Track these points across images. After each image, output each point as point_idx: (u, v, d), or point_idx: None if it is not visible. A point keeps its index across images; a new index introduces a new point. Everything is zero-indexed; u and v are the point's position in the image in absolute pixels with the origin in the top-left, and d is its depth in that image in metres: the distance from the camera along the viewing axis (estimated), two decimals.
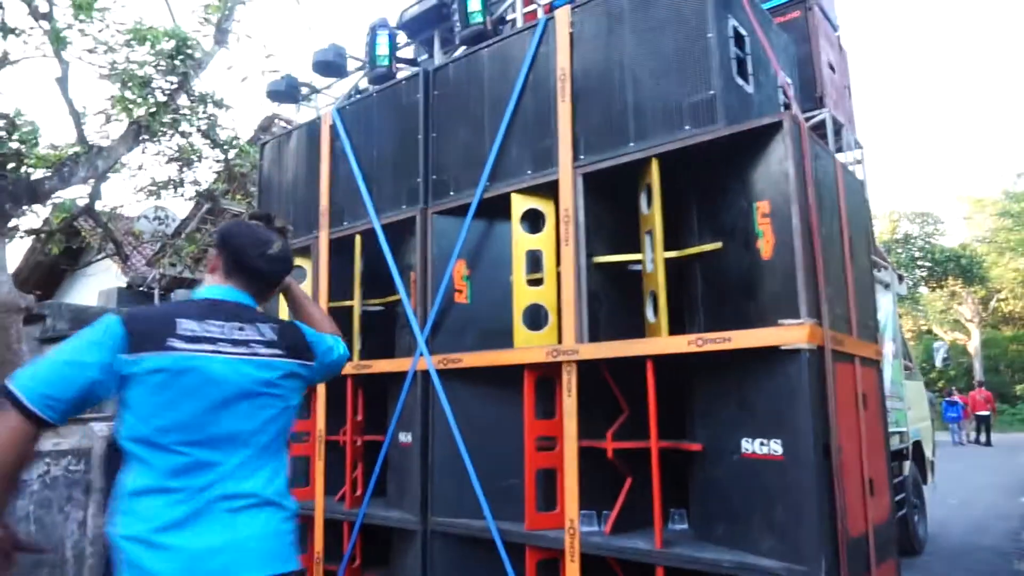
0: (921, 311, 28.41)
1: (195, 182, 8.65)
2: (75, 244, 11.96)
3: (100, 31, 6.29)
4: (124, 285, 15.16)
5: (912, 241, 27.06)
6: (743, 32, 2.78)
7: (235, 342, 1.62)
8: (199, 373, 1.56)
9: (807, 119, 3.23)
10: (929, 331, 29.14)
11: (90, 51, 6.46)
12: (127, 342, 1.52)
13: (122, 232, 10.17)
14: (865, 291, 3.05)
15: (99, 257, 10.95)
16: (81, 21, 6.04)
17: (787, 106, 3.08)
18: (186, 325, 1.58)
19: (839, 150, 3.73)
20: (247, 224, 1.82)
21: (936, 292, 27.60)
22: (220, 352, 1.59)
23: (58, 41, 5.93)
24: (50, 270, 16.18)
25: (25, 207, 6.63)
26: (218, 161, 8.40)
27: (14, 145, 6.14)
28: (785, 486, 2.37)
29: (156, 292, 14.32)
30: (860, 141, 3.86)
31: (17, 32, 6.08)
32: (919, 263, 26.30)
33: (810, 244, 2.42)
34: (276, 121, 11.99)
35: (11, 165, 6.26)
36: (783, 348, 2.34)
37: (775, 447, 2.42)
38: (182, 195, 8.58)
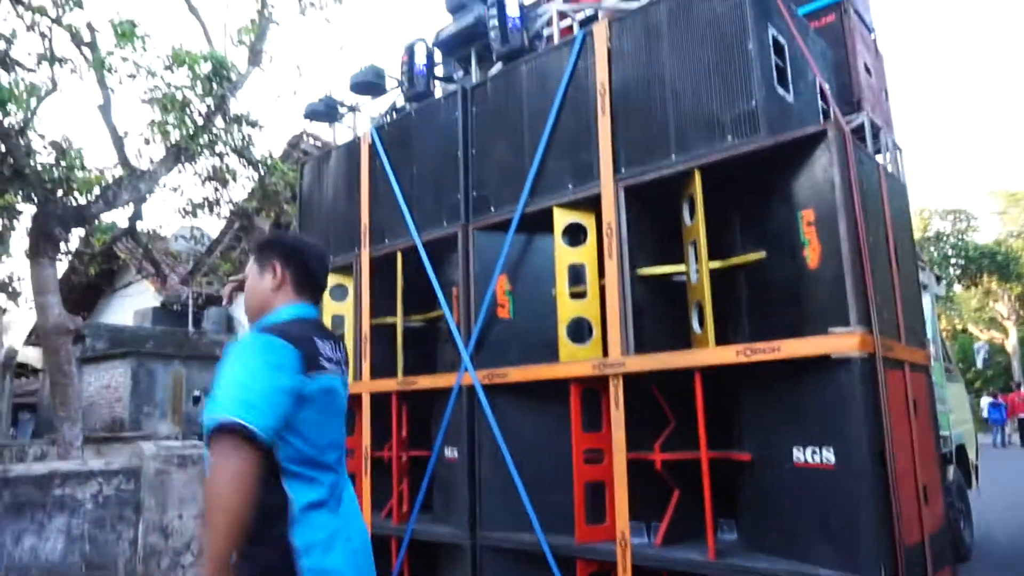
0: (955, 310, 27.86)
1: (230, 201, 8.83)
2: (112, 265, 12.27)
3: (141, 56, 6.47)
4: (158, 304, 15.49)
5: (944, 239, 26.59)
6: (782, 41, 2.80)
7: (337, 361, 1.71)
8: (336, 393, 1.69)
9: (846, 123, 3.22)
10: (964, 330, 28.56)
11: (131, 76, 6.65)
12: (302, 364, 1.56)
13: (160, 252, 10.39)
14: (912, 296, 3.03)
15: (138, 278, 11.17)
16: (122, 48, 6.22)
17: (827, 112, 3.08)
18: (320, 346, 1.65)
19: (877, 152, 3.71)
20: (302, 238, 1.90)
21: (971, 290, 27.06)
22: (338, 371, 1.70)
23: (101, 68, 6.11)
24: (86, 290, 16.58)
25: (72, 231, 6.82)
26: (251, 179, 8.57)
27: (62, 172, 6.33)
28: (839, 495, 2.36)
29: (191, 310, 14.60)
30: (898, 143, 3.83)
31: (63, 62, 6.28)
32: (952, 261, 25.83)
33: (858, 251, 2.42)
34: (305, 138, 12.22)
35: (60, 191, 6.46)
36: (834, 357, 2.34)
37: (828, 456, 2.42)
38: (218, 214, 8.76)
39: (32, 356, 16.66)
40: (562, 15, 3.82)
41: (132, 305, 15.79)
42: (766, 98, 2.62)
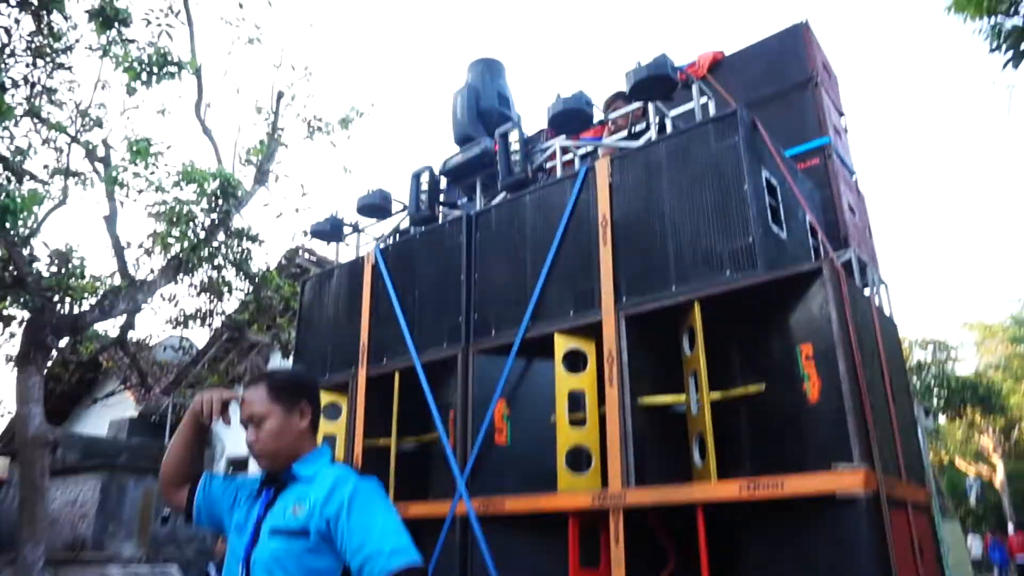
0: (941, 442, 27.66)
1: (222, 312, 8.86)
2: (95, 373, 12.06)
3: (152, 173, 6.70)
4: (136, 415, 15.09)
5: (926, 369, 26.82)
6: (774, 182, 2.96)
7: None
8: None
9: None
10: (951, 463, 28.24)
11: (140, 191, 6.85)
12: None
13: (147, 362, 10.28)
14: (909, 432, 3.05)
15: (121, 388, 10.98)
16: (136, 164, 6.45)
17: (817, 249, 3.22)
18: None
19: (865, 287, 3.84)
20: (312, 376, 2.02)
21: (955, 422, 26.99)
22: None
23: (112, 183, 6.30)
24: (63, 398, 16.19)
25: (64, 339, 6.78)
26: (244, 292, 8.65)
27: (62, 280, 6.38)
28: None
29: (169, 422, 14.22)
30: (884, 279, 3.97)
31: (78, 177, 6.49)
32: (935, 392, 25.91)
33: (857, 387, 2.46)
34: (301, 253, 12.44)
35: (56, 297, 6.48)
36: (839, 496, 2.32)
37: None
38: (209, 325, 8.77)
39: None
40: (565, 150, 4.04)
41: (109, 414, 15.36)
42: (762, 235, 2.75)
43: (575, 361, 3.28)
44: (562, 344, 3.24)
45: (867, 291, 3.85)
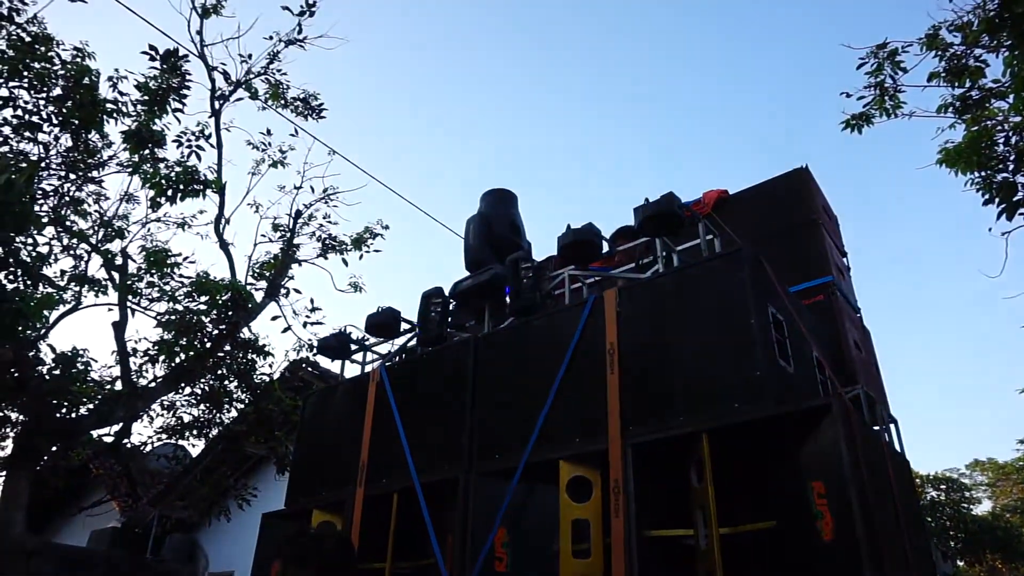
0: None
1: (220, 423, 8.75)
2: (81, 480, 11.69)
3: (167, 283, 6.84)
4: (119, 525, 14.51)
5: (940, 508, 25.88)
6: (780, 317, 3.02)
7: None
8: None
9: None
10: None
11: (151, 300, 6.97)
12: None
13: (138, 471, 10.04)
14: (926, 571, 2.93)
15: (108, 498, 10.65)
16: (151, 274, 6.60)
17: (825, 384, 3.23)
18: None
19: (874, 424, 3.81)
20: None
21: (975, 567, 25.71)
22: None
23: (126, 292, 6.43)
24: (47, 503, 15.65)
25: (56, 446, 6.67)
26: (244, 403, 8.57)
27: (64, 383, 6.36)
28: None
29: (152, 535, 13.66)
30: (893, 415, 3.95)
31: (93, 285, 6.63)
32: (951, 533, 24.86)
33: (872, 528, 2.39)
34: (304, 366, 12.42)
35: (55, 401, 6.44)
36: None
37: None
38: (206, 435, 8.63)
39: None
40: (574, 279, 4.15)
41: (93, 523, 14.79)
42: (769, 369, 2.77)
43: (580, 489, 3.21)
44: (567, 471, 3.19)
45: (876, 427, 3.83)
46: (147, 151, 7.05)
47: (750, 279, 2.97)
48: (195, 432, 8.59)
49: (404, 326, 4.71)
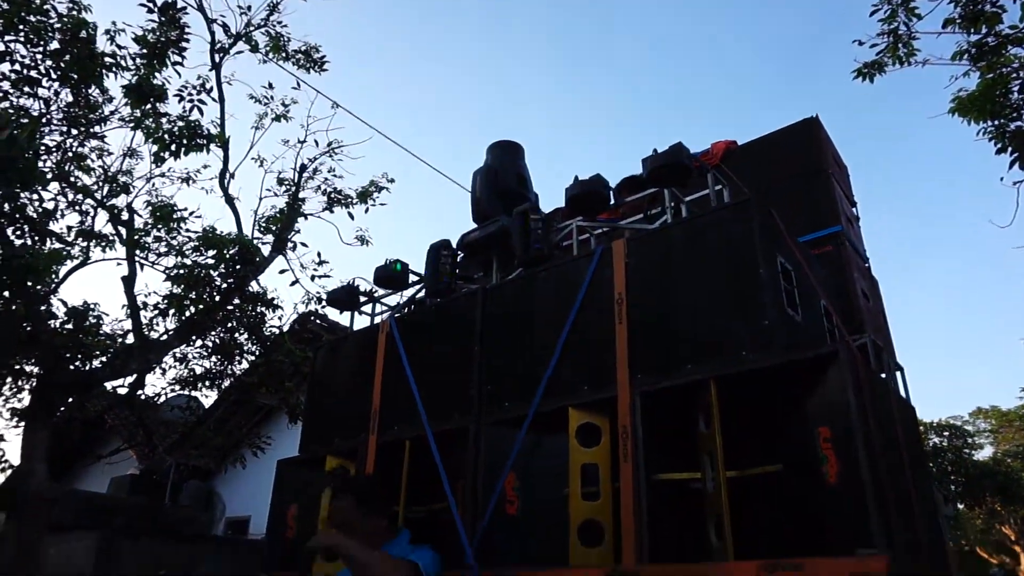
0: (960, 530, 26.79)
1: (232, 374, 8.88)
2: (98, 431, 11.95)
3: (174, 237, 6.86)
4: (137, 472, 14.89)
5: (942, 454, 26.24)
6: (789, 267, 3.03)
7: None
8: None
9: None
10: (972, 551, 27.27)
11: (160, 255, 7.00)
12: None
13: (152, 422, 10.25)
14: (930, 518, 3.00)
15: (124, 447, 10.90)
16: (158, 229, 6.62)
17: (833, 333, 3.25)
18: None
19: (881, 371, 3.85)
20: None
21: (975, 510, 26.21)
22: None
23: (134, 247, 6.45)
24: (66, 453, 16.05)
25: (73, 397, 6.80)
26: (255, 355, 8.69)
27: (76, 338, 6.45)
28: None
29: (170, 482, 14.02)
30: (899, 363, 3.99)
31: (101, 240, 6.65)
32: (952, 478, 25.26)
33: (876, 471, 2.45)
34: (313, 319, 12.52)
35: (68, 355, 6.54)
36: None
37: None
38: (218, 387, 8.77)
39: None
40: (582, 230, 4.14)
41: (112, 471, 15.18)
42: (777, 318, 2.79)
43: (589, 435, 3.28)
44: (576, 418, 3.25)
45: (883, 375, 3.87)
46: (148, 105, 6.98)
47: (759, 229, 2.96)
48: (207, 383, 8.73)
49: (412, 278, 4.73)
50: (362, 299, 4.96)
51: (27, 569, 6.04)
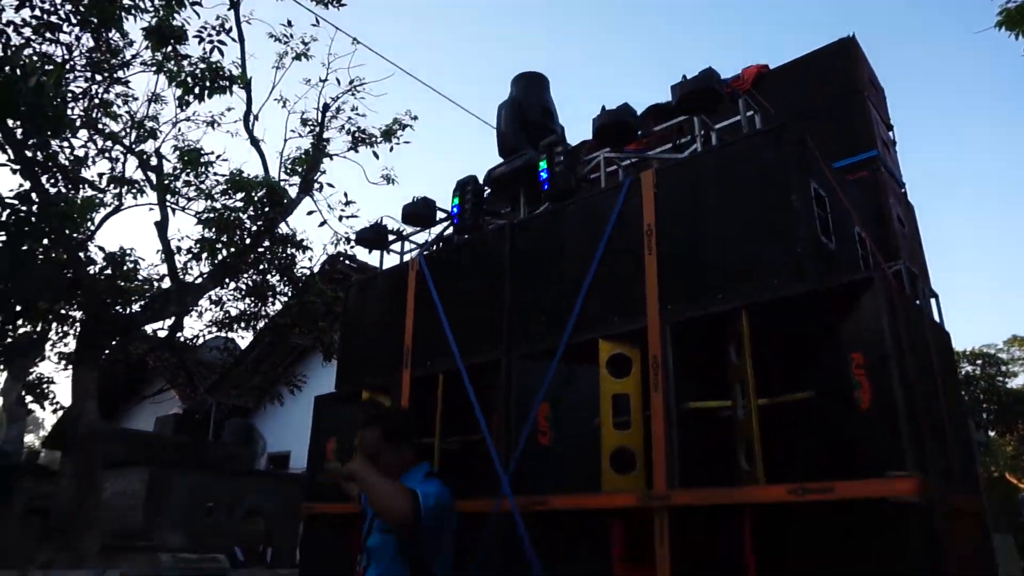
0: (990, 457, 26.82)
1: (266, 315, 9.07)
2: (141, 373, 12.37)
3: (202, 181, 6.91)
4: (181, 411, 15.50)
5: (975, 382, 26.05)
6: (823, 193, 2.97)
7: None
8: None
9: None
10: (1001, 477, 27.37)
11: (190, 199, 7.08)
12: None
13: (192, 363, 10.57)
14: (961, 443, 3.01)
15: (167, 387, 11.29)
16: (187, 173, 6.67)
17: (867, 260, 3.21)
18: None
19: (915, 299, 3.80)
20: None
21: (1005, 437, 26.16)
22: None
23: (164, 191, 6.53)
24: (112, 395, 16.73)
25: (116, 340, 7.02)
26: (288, 296, 8.85)
27: (115, 283, 6.62)
28: None
29: (212, 421, 14.58)
30: (934, 290, 3.93)
31: (132, 186, 6.74)
32: (984, 405, 25.14)
33: (910, 395, 2.45)
34: (342, 259, 12.67)
35: (109, 300, 6.73)
36: (891, 501, 2.31)
37: None
38: (254, 328, 8.98)
39: (49, 459, 16.51)
40: (609, 161, 4.09)
41: (156, 411, 15.81)
42: (810, 246, 2.75)
43: (619, 366, 3.31)
44: (607, 349, 3.28)
45: (917, 302, 3.82)
46: (169, 48, 6.94)
47: (792, 155, 2.90)
48: (243, 325, 8.94)
49: (440, 215, 4.74)
50: (390, 238, 4.99)
51: (86, 502, 6.38)
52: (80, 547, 6.35)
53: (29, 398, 9.74)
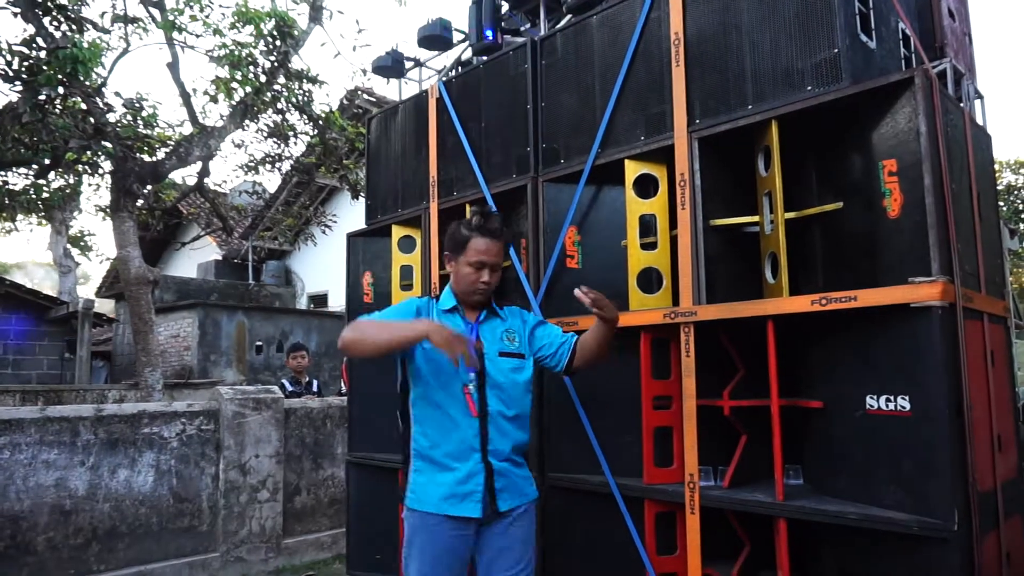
0: (1022, 266, 26.75)
1: (290, 156, 9.04)
2: (177, 220, 12.65)
3: (207, 16, 6.62)
4: (220, 258, 16.03)
5: (1016, 192, 25.39)
6: None
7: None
8: None
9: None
10: None
11: (197, 36, 6.82)
12: None
13: (224, 207, 10.74)
14: (993, 247, 2.99)
15: (204, 233, 11.58)
16: (190, 7, 6.37)
17: (909, 59, 3.01)
18: None
19: (959, 100, 3.60)
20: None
21: None
22: None
23: (170, 28, 6.28)
24: (152, 243, 17.28)
25: (148, 187, 7.12)
26: (309, 135, 8.75)
27: (140, 130, 6.59)
28: (914, 442, 2.39)
29: (251, 264, 15.08)
30: (981, 91, 3.71)
31: (135, 24, 6.48)
32: (1023, 216, 24.67)
33: (942, 201, 2.40)
34: (360, 94, 12.33)
35: (135, 148, 6.73)
36: (913, 306, 2.35)
37: (903, 403, 2.44)
38: (279, 169, 9.00)
39: (104, 307, 17.47)
40: None
41: (195, 259, 16.39)
42: (848, 45, 2.58)
43: (646, 186, 3.28)
44: (633, 169, 3.23)
45: (962, 104, 3.62)
46: None
47: None
48: (268, 166, 8.95)
49: (457, 36, 4.51)
50: (407, 65, 4.81)
51: (146, 345, 6.80)
52: (145, 385, 6.86)
53: (75, 251, 10.10)
